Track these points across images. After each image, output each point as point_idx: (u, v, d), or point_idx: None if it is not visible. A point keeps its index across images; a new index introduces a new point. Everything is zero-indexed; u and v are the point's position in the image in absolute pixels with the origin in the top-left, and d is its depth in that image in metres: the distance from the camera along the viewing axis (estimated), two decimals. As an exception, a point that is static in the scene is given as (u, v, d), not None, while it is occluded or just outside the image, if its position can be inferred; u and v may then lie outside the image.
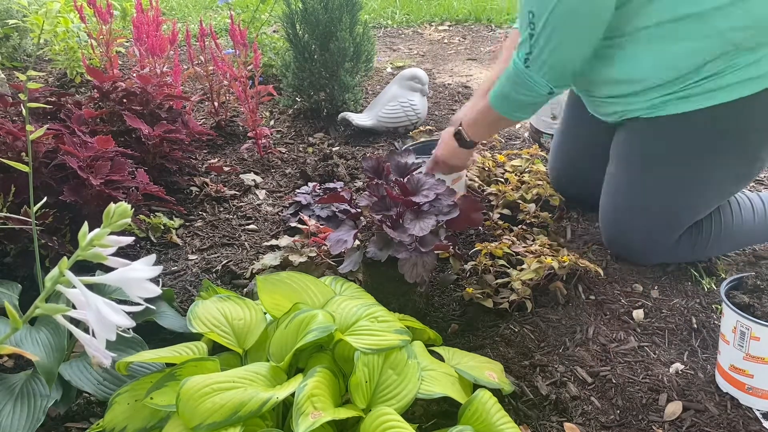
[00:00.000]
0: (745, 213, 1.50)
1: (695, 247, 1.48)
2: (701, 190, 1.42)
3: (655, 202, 1.43)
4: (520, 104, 1.41)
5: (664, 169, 1.41)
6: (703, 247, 1.49)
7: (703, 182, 1.41)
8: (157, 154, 1.82)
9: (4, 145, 1.45)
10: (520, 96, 1.38)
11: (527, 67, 1.32)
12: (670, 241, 1.46)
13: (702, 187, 1.41)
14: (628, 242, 1.50)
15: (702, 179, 1.40)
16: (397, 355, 0.99)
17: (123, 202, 0.75)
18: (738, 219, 1.49)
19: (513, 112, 1.44)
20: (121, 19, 3.61)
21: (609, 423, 1.10)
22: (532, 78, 1.33)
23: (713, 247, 1.51)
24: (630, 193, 1.47)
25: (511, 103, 1.42)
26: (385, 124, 2.33)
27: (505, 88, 1.40)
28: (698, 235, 1.47)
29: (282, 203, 1.89)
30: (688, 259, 1.52)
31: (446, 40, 3.92)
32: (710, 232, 1.47)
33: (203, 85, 2.41)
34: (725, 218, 1.48)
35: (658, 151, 1.41)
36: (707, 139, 1.36)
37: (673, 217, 1.44)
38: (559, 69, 1.32)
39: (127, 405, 0.96)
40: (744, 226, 1.50)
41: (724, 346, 1.13)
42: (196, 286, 1.50)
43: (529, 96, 1.37)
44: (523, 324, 1.33)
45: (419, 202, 1.25)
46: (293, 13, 2.41)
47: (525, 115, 1.46)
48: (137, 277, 0.73)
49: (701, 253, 1.51)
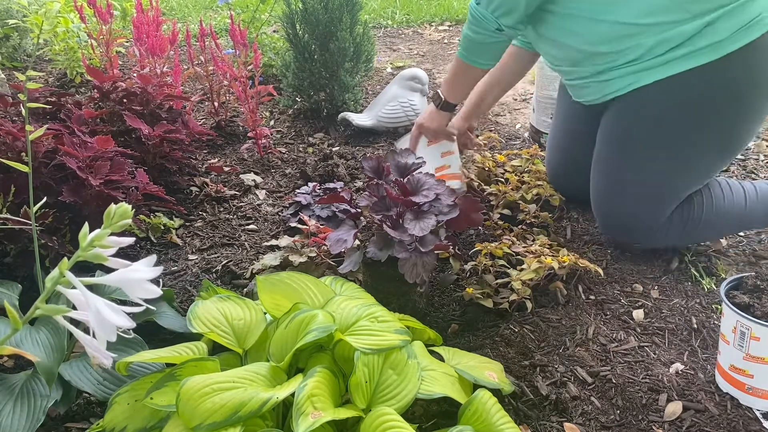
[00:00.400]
0: (736, 195, 1.52)
1: (686, 228, 1.50)
2: (686, 163, 1.45)
3: (642, 176, 1.47)
4: (477, 45, 1.53)
5: (648, 143, 1.45)
6: (694, 228, 1.50)
7: (687, 154, 1.43)
8: (157, 154, 1.82)
9: (4, 145, 1.45)
10: (474, 35, 1.51)
11: (478, 3, 1.47)
12: (661, 218, 1.48)
13: (686, 159, 1.44)
14: (619, 220, 1.53)
15: (685, 152, 1.43)
16: (397, 355, 0.99)
17: (123, 203, 0.75)
18: (729, 201, 1.51)
19: (473, 56, 1.57)
20: (121, 19, 3.61)
21: (609, 423, 1.10)
22: (481, 14, 1.46)
23: (704, 229, 1.52)
24: (618, 169, 1.50)
25: (469, 46, 1.55)
26: (385, 124, 2.33)
27: (464, 31, 1.55)
28: (689, 215, 1.49)
29: (282, 203, 1.89)
30: (680, 241, 1.54)
31: (446, 40, 3.92)
32: (701, 212, 1.49)
33: (203, 85, 2.41)
34: (716, 199, 1.50)
35: (640, 125, 1.45)
36: (685, 111, 1.40)
37: (661, 191, 1.47)
38: (505, 5, 1.43)
39: (127, 405, 0.96)
40: (734, 208, 1.52)
41: (724, 346, 1.13)
42: (196, 286, 1.50)
43: (482, 34, 1.49)
44: (523, 324, 1.33)
45: (419, 202, 1.25)
46: (293, 13, 2.41)
47: (485, 59, 1.57)
48: (138, 278, 0.73)
49: (692, 234, 1.52)
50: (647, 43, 1.37)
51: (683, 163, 1.44)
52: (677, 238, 1.53)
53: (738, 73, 1.36)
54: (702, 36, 1.33)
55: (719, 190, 1.52)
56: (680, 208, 1.49)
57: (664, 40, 1.36)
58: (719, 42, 1.33)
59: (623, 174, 1.49)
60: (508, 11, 1.43)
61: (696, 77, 1.36)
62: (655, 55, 1.38)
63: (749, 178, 1.96)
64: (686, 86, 1.38)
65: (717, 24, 1.32)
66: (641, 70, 1.40)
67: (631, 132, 1.47)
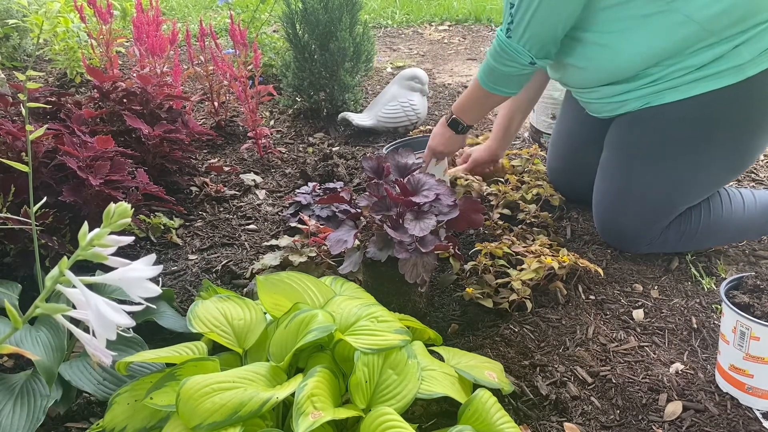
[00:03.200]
0: (735, 206, 1.51)
1: (683, 237, 1.50)
2: (694, 179, 1.44)
3: (647, 189, 1.46)
4: (504, 76, 1.48)
5: (657, 158, 1.44)
6: (691, 238, 1.50)
7: (695, 171, 1.43)
8: (157, 154, 1.82)
9: (4, 145, 1.45)
10: (503, 67, 1.45)
11: (509, 37, 1.40)
12: (660, 228, 1.47)
13: (694, 175, 1.43)
14: (619, 228, 1.52)
15: (694, 168, 1.42)
16: (397, 355, 0.99)
17: (123, 202, 0.75)
18: (728, 212, 1.50)
19: (499, 86, 1.51)
20: (121, 19, 3.61)
21: (609, 423, 1.10)
22: (513, 47, 1.40)
23: (701, 239, 1.52)
24: (622, 179, 1.49)
25: (496, 77, 1.49)
26: (385, 124, 2.33)
27: (489, 63, 1.48)
28: (687, 225, 1.49)
29: (282, 203, 1.89)
30: (675, 249, 1.54)
31: (446, 40, 3.92)
32: (699, 223, 1.49)
33: (203, 85, 2.41)
34: (714, 210, 1.49)
35: (650, 139, 1.44)
36: (699, 128, 1.39)
37: (664, 204, 1.46)
38: (539, 38, 1.38)
39: (127, 405, 0.96)
40: (733, 219, 1.51)
41: (724, 346, 1.13)
42: (196, 286, 1.50)
43: (512, 66, 1.44)
44: (523, 324, 1.33)
45: (419, 202, 1.25)
46: (293, 13, 2.41)
47: (510, 89, 1.52)
48: (137, 277, 0.73)
49: (688, 243, 1.52)
50: (669, 68, 1.35)
51: (690, 178, 1.43)
52: (673, 248, 1.53)
53: (756, 96, 1.35)
54: (725, 59, 1.32)
55: (718, 200, 1.50)
56: (678, 219, 1.48)
57: (686, 65, 1.34)
58: (741, 65, 1.31)
59: (628, 184, 1.48)
60: (544, 44, 1.39)
61: (713, 98, 1.34)
62: (674, 77, 1.36)
63: (749, 178, 1.96)
64: (702, 105, 1.36)
65: (741, 47, 1.31)
66: (659, 91, 1.39)
67: (640, 143, 1.46)
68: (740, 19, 1.29)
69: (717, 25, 1.29)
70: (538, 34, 1.37)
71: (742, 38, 1.30)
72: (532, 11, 1.34)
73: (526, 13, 1.34)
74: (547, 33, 1.37)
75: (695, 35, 1.31)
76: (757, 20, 1.30)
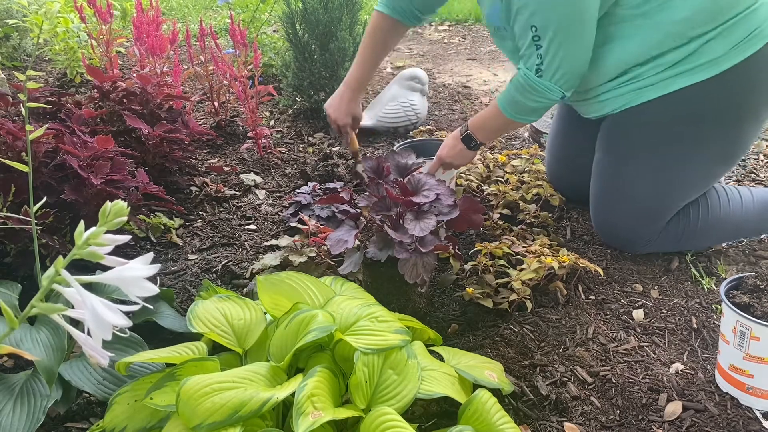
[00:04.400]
0: (733, 204, 1.51)
1: (682, 236, 1.50)
2: (683, 175, 1.44)
3: (641, 187, 1.46)
4: (530, 109, 1.46)
5: (648, 154, 1.45)
6: (690, 236, 1.50)
7: (683, 167, 1.43)
8: (157, 154, 1.82)
9: (4, 145, 1.45)
10: (530, 102, 1.43)
11: (540, 76, 1.38)
12: (657, 228, 1.47)
13: (683, 171, 1.44)
14: (613, 228, 1.53)
15: (682, 164, 1.43)
16: (397, 355, 0.99)
17: (119, 201, 0.75)
18: (725, 210, 1.50)
19: (523, 116, 1.49)
20: (121, 19, 3.61)
21: (609, 423, 1.10)
22: (544, 86, 1.39)
23: (699, 237, 1.52)
24: (616, 179, 1.50)
25: (521, 109, 1.47)
26: (385, 124, 2.33)
27: (515, 96, 1.45)
28: (685, 224, 1.49)
29: (282, 203, 1.89)
30: (674, 248, 1.54)
31: (446, 40, 3.92)
32: (697, 221, 1.49)
33: (203, 85, 2.41)
34: (712, 208, 1.49)
35: (640, 137, 1.45)
36: (682, 124, 1.40)
37: (656, 203, 1.46)
38: (571, 74, 1.37)
39: (127, 405, 0.96)
40: (731, 217, 1.51)
41: (724, 346, 1.13)
42: (196, 286, 1.49)
43: (541, 102, 1.43)
44: (523, 324, 1.33)
45: (419, 202, 1.25)
46: (293, 13, 2.41)
47: (535, 117, 1.50)
48: (134, 276, 0.73)
49: (688, 242, 1.52)
50: (644, 66, 1.38)
51: (678, 175, 1.44)
52: (672, 247, 1.53)
53: (737, 87, 1.36)
54: (699, 54, 1.34)
55: (716, 198, 1.50)
56: (676, 218, 1.48)
57: (660, 63, 1.36)
58: (715, 59, 1.33)
59: (621, 185, 1.49)
60: (576, 77, 1.39)
61: (695, 92, 1.36)
62: (651, 74, 1.38)
63: (749, 179, 1.96)
64: (686, 101, 1.37)
65: (712, 43, 1.33)
66: (639, 89, 1.40)
67: (630, 143, 1.46)
68: (704, 22, 1.32)
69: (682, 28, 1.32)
70: (572, 69, 1.36)
71: (712, 34, 1.32)
72: (564, 49, 1.33)
73: (558, 53, 1.33)
74: (579, 66, 1.37)
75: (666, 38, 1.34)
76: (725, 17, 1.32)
